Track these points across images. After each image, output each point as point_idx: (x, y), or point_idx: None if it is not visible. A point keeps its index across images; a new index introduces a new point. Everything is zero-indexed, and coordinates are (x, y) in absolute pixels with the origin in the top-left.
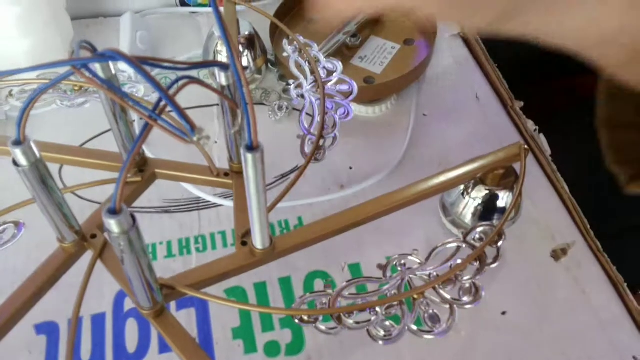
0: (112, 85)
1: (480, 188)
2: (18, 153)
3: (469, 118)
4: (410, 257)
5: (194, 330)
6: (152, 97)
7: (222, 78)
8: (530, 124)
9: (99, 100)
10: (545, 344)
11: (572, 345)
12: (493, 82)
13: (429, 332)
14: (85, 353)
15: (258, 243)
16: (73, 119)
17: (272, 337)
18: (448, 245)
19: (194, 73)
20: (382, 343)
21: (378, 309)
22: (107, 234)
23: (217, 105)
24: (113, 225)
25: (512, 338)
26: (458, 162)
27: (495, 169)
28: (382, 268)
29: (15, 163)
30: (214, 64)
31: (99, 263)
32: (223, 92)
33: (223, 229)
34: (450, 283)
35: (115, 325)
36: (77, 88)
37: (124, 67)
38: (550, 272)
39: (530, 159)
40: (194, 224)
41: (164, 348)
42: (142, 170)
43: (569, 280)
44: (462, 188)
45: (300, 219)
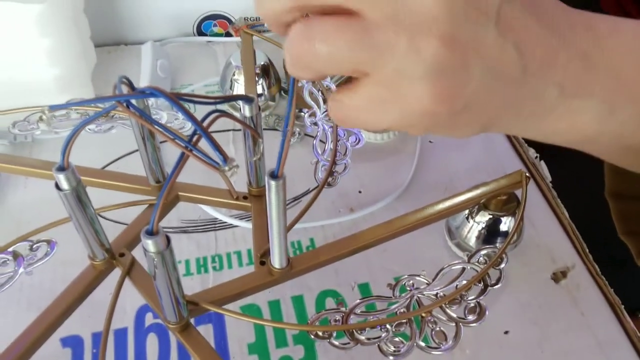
0: (152, 119)
1: (484, 213)
2: (61, 178)
3: (473, 145)
4: (418, 277)
5: (212, 346)
6: (174, 123)
7: (246, 110)
8: (532, 152)
9: (124, 126)
10: None
11: None
12: None
13: (436, 348)
14: None
15: (276, 263)
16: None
17: (285, 352)
18: (454, 267)
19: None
20: (392, 358)
21: (388, 326)
22: (143, 251)
23: (232, 131)
24: (150, 245)
25: (513, 356)
26: (463, 187)
27: (498, 195)
28: (391, 287)
29: (58, 187)
30: (240, 98)
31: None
32: (246, 122)
33: (238, 249)
34: (456, 302)
35: (137, 340)
36: (105, 115)
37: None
38: (551, 293)
39: (532, 186)
40: (211, 244)
41: None
42: None
43: (569, 302)
44: (466, 212)
45: (313, 240)
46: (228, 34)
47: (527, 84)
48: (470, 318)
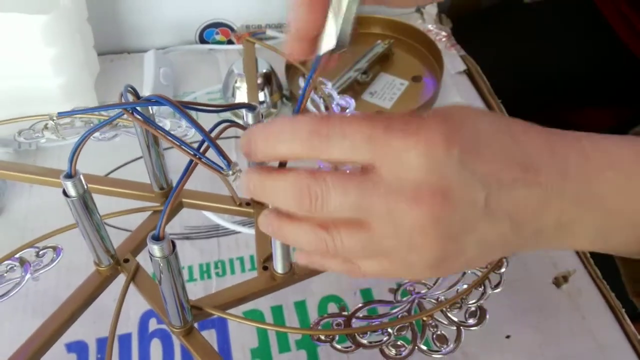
0: (160, 127)
1: None
2: (69, 185)
3: None
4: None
5: (215, 349)
6: (177, 131)
7: (249, 118)
8: None
9: (128, 134)
10: None
11: None
12: None
13: (437, 352)
14: None
15: (279, 268)
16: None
17: (288, 357)
18: None
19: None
20: None
21: (390, 330)
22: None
23: (234, 138)
24: (156, 250)
25: None
26: None
27: None
28: (393, 292)
29: (65, 194)
30: (244, 106)
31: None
32: None
33: (241, 255)
34: (457, 306)
35: (141, 345)
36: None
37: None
38: (552, 298)
39: None
40: (214, 250)
41: None
42: None
43: (570, 306)
44: None
45: None
46: (230, 42)
47: (521, 239)
48: (471, 322)
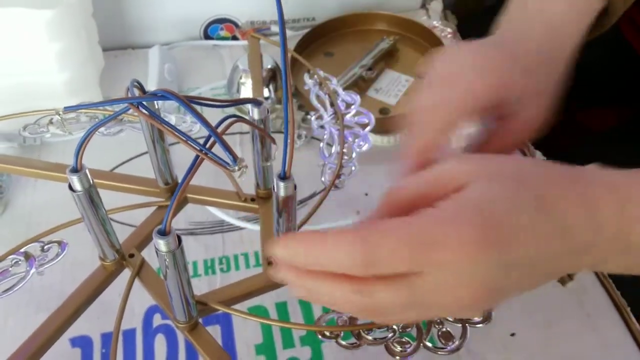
0: (166, 122)
1: None
2: (75, 180)
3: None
4: None
5: (220, 344)
6: (182, 126)
7: (255, 113)
8: (539, 155)
9: (133, 129)
10: None
11: None
12: None
13: (442, 349)
14: None
15: None
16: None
17: (292, 353)
18: None
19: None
20: (398, 359)
21: (395, 327)
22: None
23: (239, 134)
24: (162, 245)
25: (520, 358)
26: None
27: None
28: None
29: (71, 188)
30: (250, 101)
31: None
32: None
33: (246, 251)
34: None
35: (145, 340)
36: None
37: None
38: (557, 296)
39: None
40: (218, 246)
41: None
42: None
43: (575, 304)
44: None
45: None
46: (234, 38)
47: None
48: (477, 319)
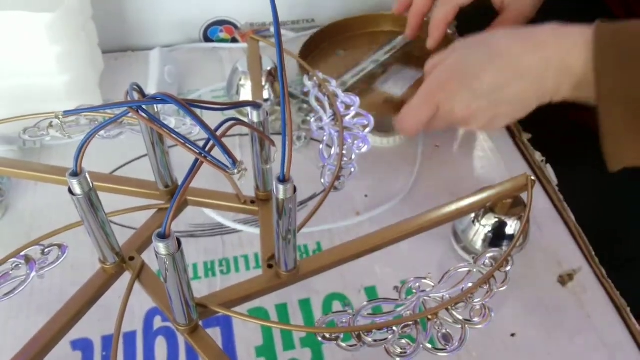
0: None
1: (490, 216)
2: (75, 183)
3: (479, 148)
4: (424, 280)
5: (220, 347)
6: (182, 129)
7: (254, 115)
8: (538, 155)
9: (133, 132)
10: None
11: None
12: None
13: (442, 350)
14: None
15: (284, 265)
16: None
17: (293, 355)
18: (459, 270)
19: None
20: None
21: (395, 328)
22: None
23: (239, 136)
24: (162, 248)
25: (520, 358)
26: (469, 190)
27: (504, 199)
28: (398, 290)
29: (71, 192)
30: (249, 104)
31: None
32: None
33: (245, 253)
34: (462, 305)
35: (146, 343)
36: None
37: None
38: (557, 296)
39: (538, 189)
40: (218, 248)
41: None
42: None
43: (575, 305)
44: (472, 216)
45: (319, 244)
46: (234, 40)
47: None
48: (476, 320)
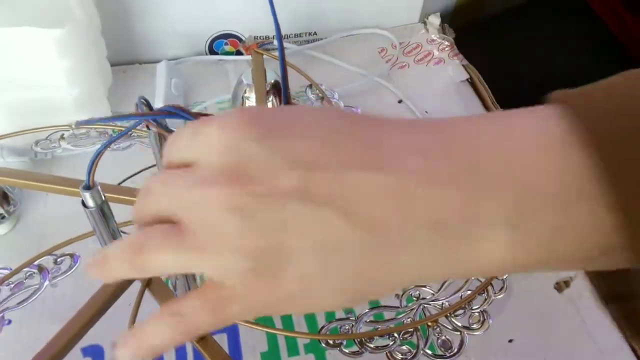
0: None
1: None
2: (87, 197)
3: None
4: (424, 288)
5: (227, 353)
6: None
7: None
8: None
9: (142, 144)
10: None
11: None
12: None
13: (442, 356)
14: None
15: None
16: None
17: None
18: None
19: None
20: None
21: (396, 335)
22: None
23: None
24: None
25: None
26: None
27: None
28: (399, 297)
29: (84, 204)
30: None
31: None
32: None
33: None
34: (461, 311)
35: None
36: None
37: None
38: (554, 303)
39: None
40: None
41: None
42: None
43: (571, 311)
44: None
45: None
46: (238, 52)
47: (383, 244)
48: (475, 327)
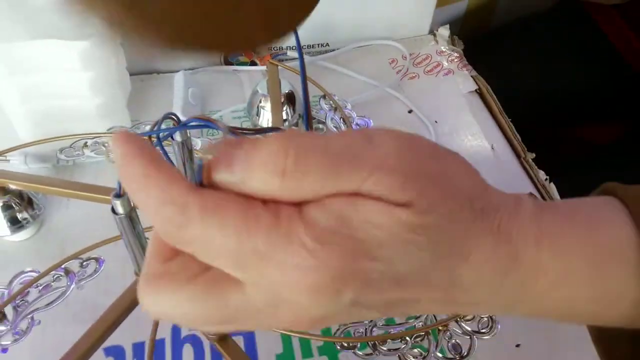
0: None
1: None
2: (118, 204)
3: (485, 167)
4: None
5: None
6: None
7: None
8: (542, 174)
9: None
10: None
11: None
12: (507, 135)
13: (452, 359)
14: None
15: None
16: None
17: None
18: None
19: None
20: None
21: (408, 339)
22: None
23: None
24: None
25: None
26: None
27: None
28: None
29: (114, 211)
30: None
31: None
32: None
33: None
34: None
35: (174, 350)
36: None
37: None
38: None
39: None
40: None
41: None
42: None
43: None
44: None
45: None
46: (253, 63)
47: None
48: (484, 331)
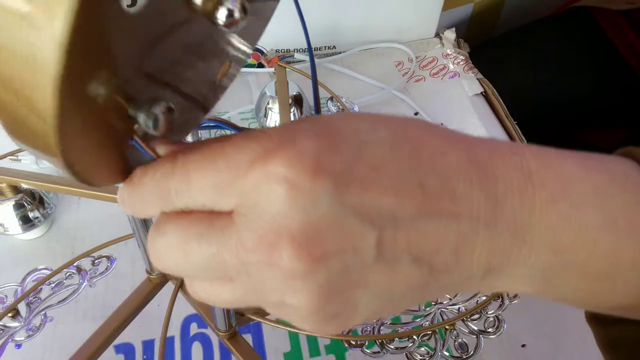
0: None
1: None
2: None
3: None
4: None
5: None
6: None
7: None
8: None
9: None
10: None
11: None
12: (513, 137)
13: (458, 358)
14: None
15: None
16: None
17: None
18: None
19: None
20: None
21: (415, 337)
22: None
23: None
24: None
25: None
26: None
27: None
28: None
29: None
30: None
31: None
32: None
33: None
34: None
35: (183, 348)
36: None
37: None
38: (566, 309)
39: None
40: None
41: None
42: None
43: (583, 317)
44: None
45: None
46: (260, 65)
47: (441, 285)
48: (490, 331)
